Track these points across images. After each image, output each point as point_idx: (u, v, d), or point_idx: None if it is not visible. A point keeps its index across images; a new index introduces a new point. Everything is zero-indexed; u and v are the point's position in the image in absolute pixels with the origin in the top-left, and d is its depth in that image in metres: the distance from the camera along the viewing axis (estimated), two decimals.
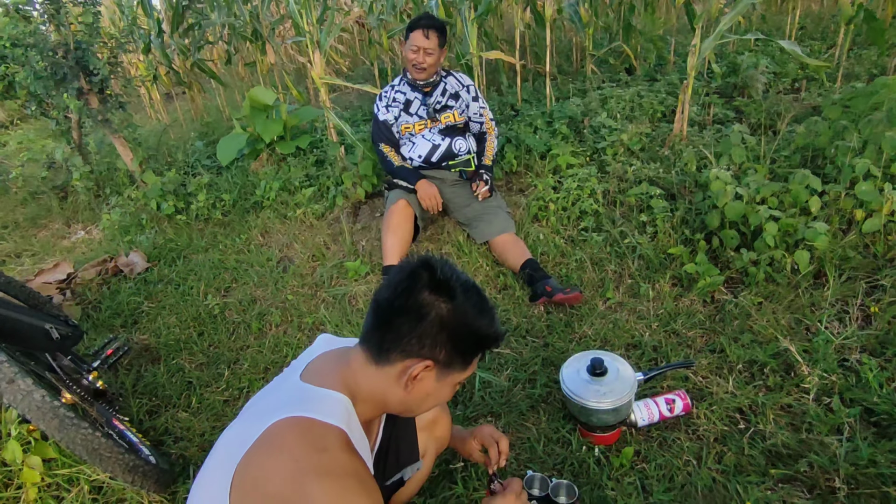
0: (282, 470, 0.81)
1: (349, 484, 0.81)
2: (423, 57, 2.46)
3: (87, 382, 1.61)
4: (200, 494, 0.93)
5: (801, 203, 2.12)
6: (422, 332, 0.90)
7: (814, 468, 1.43)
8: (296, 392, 0.94)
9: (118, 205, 3.60)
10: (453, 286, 0.91)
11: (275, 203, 3.30)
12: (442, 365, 0.93)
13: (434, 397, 0.98)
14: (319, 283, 2.56)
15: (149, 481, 1.47)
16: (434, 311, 0.90)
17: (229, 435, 0.94)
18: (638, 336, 1.94)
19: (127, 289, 2.83)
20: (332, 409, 0.90)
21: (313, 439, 0.85)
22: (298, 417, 0.87)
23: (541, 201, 2.69)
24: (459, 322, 0.91)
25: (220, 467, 0.89)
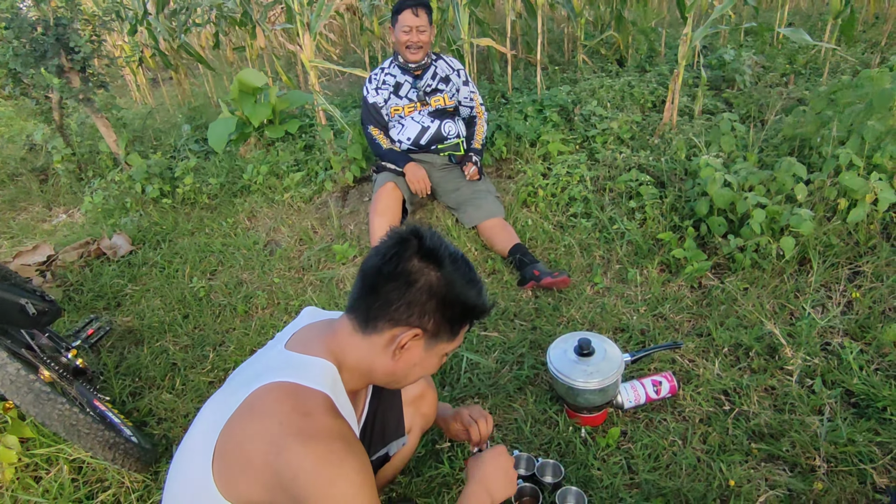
0: (265, 433, 0.80)
1: (334, 446, 0.80)
2: (417, 35, 2.43)
3: (66, 360, 1.58)
4: (184, 462, 0.91)
5: (786, 191, 2.14)
6: (410, 300, 0.89)
7: (795, 447, 1.45)
8: (280, 360, 0.93)
9: (101, 187, 3.53)
10: (442, 255, 0.91)
11: (262, 187, 3.26)
12: (430, 334, 0.92)
13: (421, 367, 0.97)
14: (306, 267, 2.53)
15: (130, 459, 1.45)
16: (423, 278, 0.89)
17: (212, 404, 0.93)
18: (625, 320, 1.95)
19: (110, 271, 2.78)
20: (316, 375, 0.89)
21: (297, 403, 0.83)
22: (282, 382, 0.86)
23: (530, 187, 2.69)
24: (448, 291, 0.90)
25: (203, 435, 0.87)
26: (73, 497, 1.51)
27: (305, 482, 0.77)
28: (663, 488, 1.38)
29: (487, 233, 2.38)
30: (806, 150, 2.50)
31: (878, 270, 1.95)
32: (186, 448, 0.92)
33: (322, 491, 0.77)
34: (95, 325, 1.93)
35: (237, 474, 0.82)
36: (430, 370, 1.00)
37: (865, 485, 1.35)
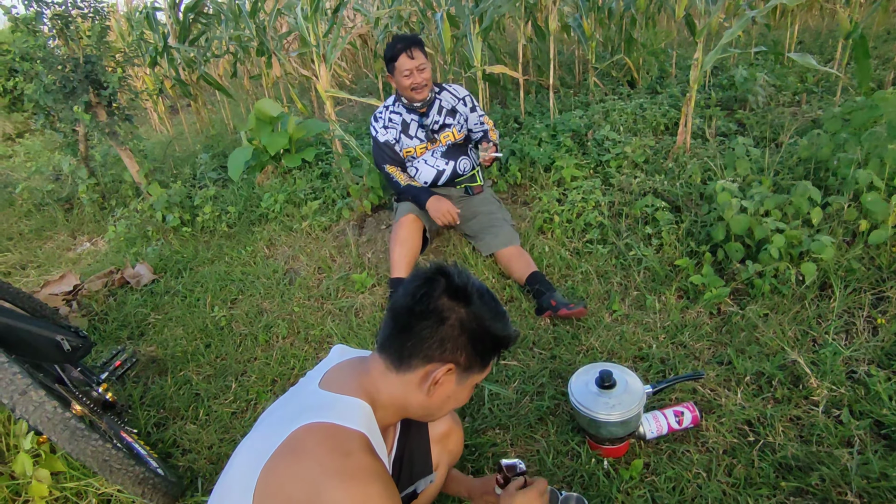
0: (306, 474, 0.82)
1: (373, 487, 0.82)
2: (419, 76, 2.42)
3: (97, 394, 1.62)
4: (222, 499, 0.93)
5: (802, 214, 2.14)
6: (443, 336, 0.93)
7: (825, 481, 1.42)
8: (316, 399, 0.95)
9: (124, 216, 3.63)
10: (470, 291, 0.95)
11: (280, 215, 3.32)
12: (462, 368, 0.96)
13: (454, 399, 1.01)
14: (325, 296, 2.57)
15: (157, 494, 1.47)
16: (454, 315, 0.93)
17: (249, 443, 0.95)
18: (645, 348, 1.94)
19: (133, 300, 2.84)
20: (353, 414, 0.92)
21: (337, 444, 0.86)
22: (321, 423, 0.89)
23: (546, 213, 2.71)
24: (478, 325, 0.94)
25: (242, 475, 0.89)
26: None
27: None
28: None
29: (505, 261, 2.40)
30: (822, 172, 2.49)
31: None
32: (225, 486, 0.94)
33: None
34: (122, 357, 1.97)
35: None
36: (462, 401, 1.03)
37: None
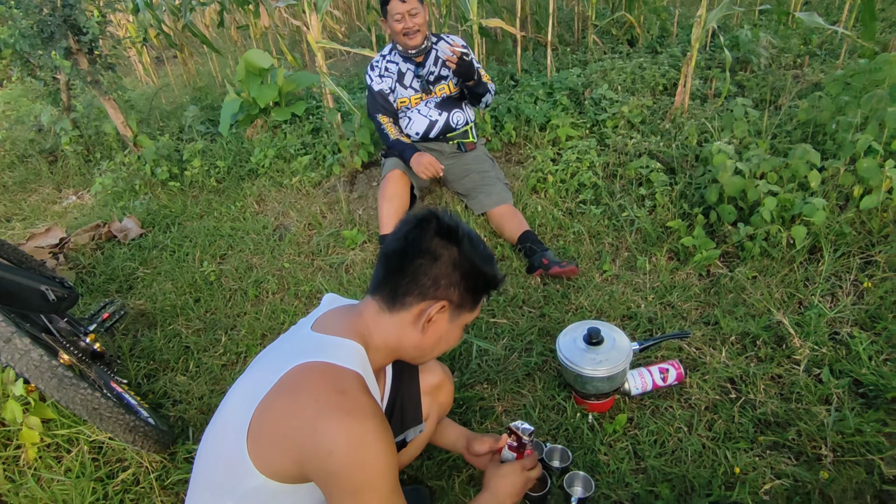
0: (303, 410, 0.84)
1: (369, 425, 0.83)
2: (410, 20, 2.35)
3: (85, 344, 1.61)
4: (216, 439, 0.95)
5: (799, 178, 2.12)
6: (437, 274, 0.95)
7: (801, 436, 1.46)
8: (310, 341, 0.96)
9: (110, 169, 3.55)
10: (460, 233, 0.97)
11: (270, 171, 3.26)
12: (455, 305, 0.99)
13: (446, 340, 1.03)
14: (316, 252, 2.55)
15: (148, 441, 1.49)
16: (447, 253, 0.95)
17: (242, 385, 0.96)
18: (633, 308, 1.96)
19: (121, 254, 2.81)
20: (347, 354, 0.93)
21: (332, 381, 0.87)
22: (316, 362, 0.90)
23: (539, 173, 2.68)
24: (469, 265, 0.97)
25: (236, 414, 0.90)
26: (93, 476, 1.56)
27: (339, 459, 0.81)
28: (669, 474, 1.41)
29: (497, 220, 2.38)
30: (820, 136, 2.47)
31: (891, 260, 1.94)
32: (218, 425, 0.96)
33: (353, 470, 0.82)
34: (111, 309, 1.96)
35: (273, 449, 0.86)
36: (454, 342, 1.06)
37: (872, 475, 1.36)
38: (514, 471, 1.17)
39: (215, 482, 0.94)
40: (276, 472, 0.87)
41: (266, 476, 0.87)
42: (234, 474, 0.90)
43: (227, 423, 0.93)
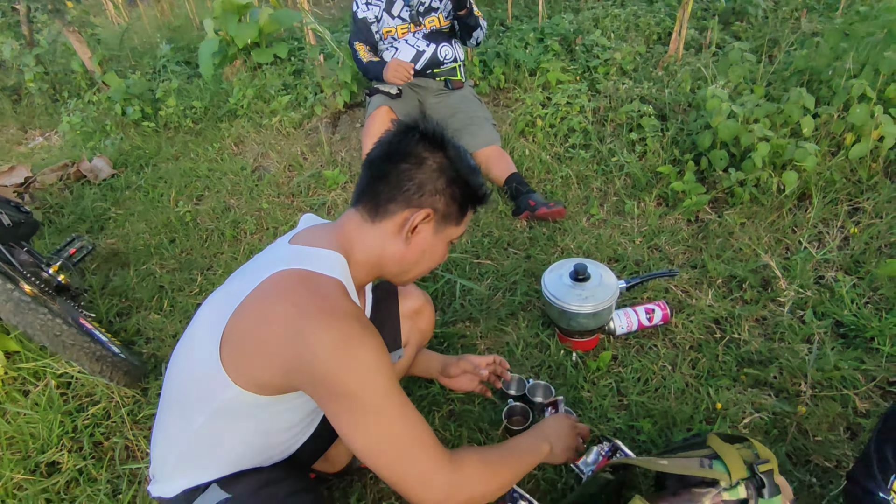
0: (282, 314, 0.78)
1: (354, 326, 0.78)
2: None
3: (48, 275, 1.53)
4: (188, 350, 0.90)
5: (792, 123, 2.08)
6: (422, 179, 0.89)
7: (783, 373, 1.46)
8: (289, 252, 0.90)
9: (78, 108, 3.37)
10: (445, 141, 0.92)
11: (249, 112, 3.12)
12: (440, 215, 0.93)
13: (430, 255, 0.97)
14: (296, 193, 2.46)
15: (118, 373, 1.44)
16: (432, 158, 0.90)
17: (216, 297, 0.90)
18: (621, 251, 1.92)
19: (91, 194, 2.69)
20: (328, 263, 0.87)
21: (313, 287, 0.82)
22: (294, 269, 0.84)
23: (528, 117, 2.59)
24: (455, 171, 0.92)
25: (208, 325, 0.85)
26: (62, 409, 1.51)
27: (325, 360, 0.76)
28: (651, 410, 1.40)
29: (483, 160, 2.31)
30: (815, 84, 2.41)
31: (878, 207, 1.92)
32: (190, 337, 0.90)
33: (342, 369, 0.76)
34: (77, 245, 1.86)
35: (250, 358, 0.81)
36: (438, 259, 1.00)
37: (847, 409, 1.37)
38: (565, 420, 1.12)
39: (186, 399, 0.89)
40: (253, 383, 0.82)
41: (241, 387, 0.82)
42: (206, 388, 0.85)
43: (199, 336, 0.87)
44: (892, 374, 1.43)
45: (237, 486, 0.91)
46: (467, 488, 0.83)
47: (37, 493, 1.33)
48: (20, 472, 1.37)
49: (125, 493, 1.32)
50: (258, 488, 0.91)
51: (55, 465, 1.42)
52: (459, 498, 0.83)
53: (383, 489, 1.29)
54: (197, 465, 0.92)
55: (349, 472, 1.32)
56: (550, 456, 1.03)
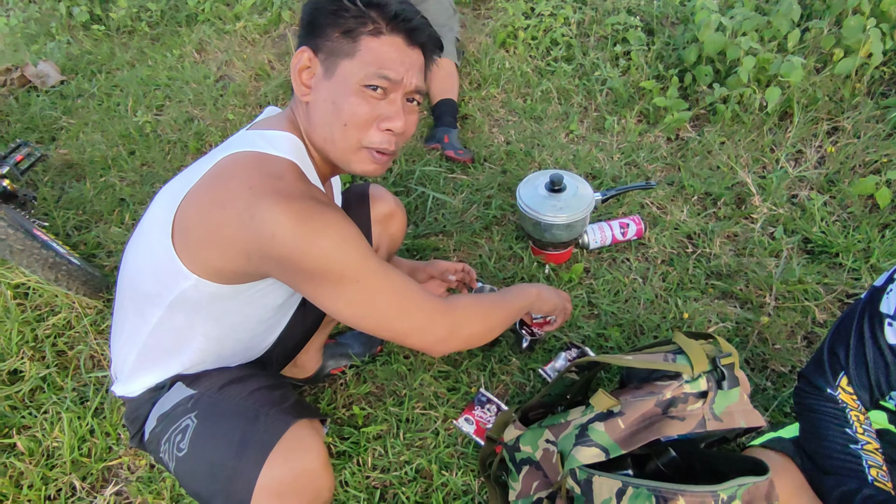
0: (236, 198, 0.72)
1: (310, 205, 0.73)
2: None
3: None
4: (137, 249, 0.85)
5: (780, 37, 2.00)
6: (302, 21, 0.83)
7: (749, 286, 1.49)
8: (243, 138, 0.84)
9: (18, 7, 3.06)
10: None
11: (210, 16, 2.88)
12: (324, 53, 0.80)
13: (339, 104, 0.80)
14: (263, 103, 2.32)
15: (75, 281, 1.38)
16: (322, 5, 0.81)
17: (169, 185, 0.85)
18: (598, 166, 1.89)
19: (39, 102, 2.50)
20: (282, 145, 0.81)
21: (266, 169, 0.76)
22: (246, 151, 0.78)
23: (510, 27, 2.45)
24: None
25: (161, 212, 0.80)
26: (20, 318, 1.46)
27: (284, 240, 0.71)
28: (620, 319, 1.43)
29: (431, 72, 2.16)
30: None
31: (857, 127, 1.91)
32: (144, 226, 0.85)
33: (306, 247, 0.71)
34: (24, 151, 1.73)
35: (205, 244, 0.76)
36: (354, 108, 0.79)
37: (807, 319, 1.42)
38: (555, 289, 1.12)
39: (141, 293, 0.85)
40: (211, 271, 0.78)
41: (199, 276, 0.78)
42: (161, 280, 0.80)
43: (150, 226, 0.82)
44: (851, 287, 1.47)
45: (202, 383, 0.90)
46: (466, 326, 0.86)
47: (0, 400, 1.31)
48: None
49: (92, 400, 1.31)
50: (224, 384, 0.89)
51: (17, 373, 1.39)
52: (461, 334, 0.86)
53: (353, 394, 1.31)
54: (159, 362, 0.90)
55: (319, 379, 1.33)
56: (538, 301, 1.05)
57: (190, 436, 0.83)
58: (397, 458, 1.18)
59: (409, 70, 0.82)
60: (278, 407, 0.84)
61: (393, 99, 0.82)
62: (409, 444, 1.20)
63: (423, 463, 1.16)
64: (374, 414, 1.26)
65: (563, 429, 0.92)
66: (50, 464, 1.22)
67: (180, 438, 0.84)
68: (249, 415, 0.83)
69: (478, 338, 0.90)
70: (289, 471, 0.77)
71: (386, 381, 1.32)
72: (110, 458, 1.22)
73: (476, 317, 0.88)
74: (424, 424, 1.24)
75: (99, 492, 1.18)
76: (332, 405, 1.29)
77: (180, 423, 0.85)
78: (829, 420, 0.87)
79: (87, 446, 1.24)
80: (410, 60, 0.82)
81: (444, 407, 1.26)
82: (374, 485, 1.15)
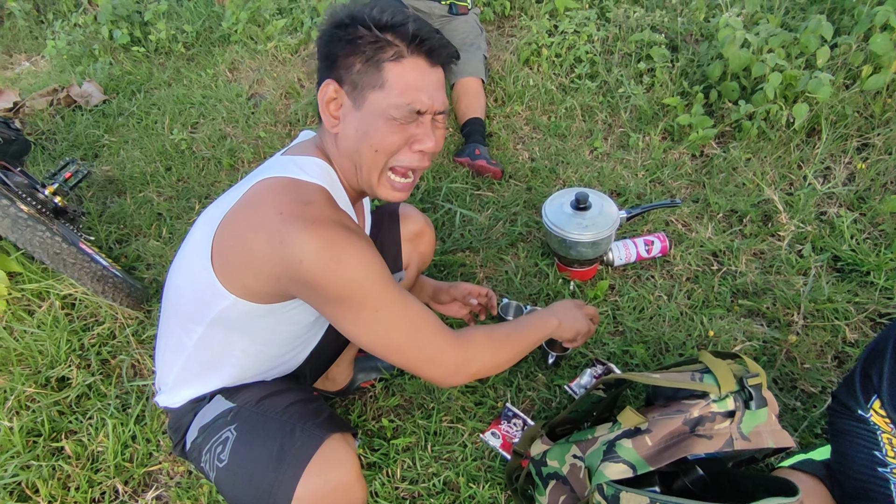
0: (266, 223, 0.77)
1: (337, 230, 0.77)
2: None
3: (44, 196, 1.51)
4: (181, 268, 0.91)
5: (808, 53, 2.00)
6: (327, 52, 0.84)
7: (776, 304, 1.49)
8: (277, 162, 0.89)
9: (64, 31, 3.23)
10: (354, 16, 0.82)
11: (243, 36, 2.99)
12: (350, 84, 0.82)
13: (367, 133, 0.82)
14: (293, 121, 2.40)
15: (120, 294, 1.45)
16: (328, 18, 0.84)
17: (210, 208, 0.90)
18: (623, 183, 1.90)
19: (84, 121, 2.63)
20: (312, 170, 0.86)
21: (296, 194, 0.80)
22: (277, 177, 0.83)
23: (533, 45, 2.49)
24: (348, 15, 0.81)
25: (201, 236, 0.85)
26: (68, 328, 1.54)
27: (312, 266, 0.75)
28: (645, 336, 1.44)
29: (458, 91, 2.21)
30: (836, 14, 2.30)
31: (888, 143, 1.89)
32: (186, 248, 0.91)
33: (330, 273, 0.75)
34: (72, 169, 1.83)
35: (239, 267, 0.81)
36: (383, 137, 0.82)
37: (837, 338, 1.41)
38: (572, 302, 1.13)
39: (184, 310, 0.90)
40: (247, 291, 0.82)
41: (237, 296, 0.83)
42: (202, 299, 0.86)
43: (192, 247, 0.87)
44: (883, 307, 1.46)
45: (240, 396, 0.94)
46: (476, 362, 0.88)
47: (49, 406, 1.38)
48: (31, 386, 1.41)
49: (134, 408, 1.37)
50: (261, 398, 0.94)
51: (65, 380, 1.46)
52: (469, 370, 0.88)
53: (382, 406, 1.34)
54: (200, 376, 0.95)
55: (350, 391, 1.37)
56: (559, 330, 1.06)
57: (230, 447, 0.87)
58: (425, 470, 1.21)
59: (434, 93, 0.84)
60: (313, 421, 0.88)
61: (422, 121, 0.85)
62: (437, 457, 1.23)
63: (451, 475, 1.19)
64: (402, 426, 1.29)
65: (590, 444, 0.94)
66: (95, 467, 1.27)
67: (221, 450, 0.88)
68: (286, 428, 0.87)
69: (487, 372, 0.92)
70: (324, 483, 0.81)
71: (414, 394, 1.35)
72: (151, 464, 1.28)
73: (487, 353, 0.91)
74: (452, 437, 1.26)
75: (140, 496, 1.23)
76: (363, 417, 1.33)
77: (221, 435, 0.89)
78: (858, 442, 0.87)
79: (130, 452, 1.30)
80: (434, 81, 0.85)
81: (471, 421, 1.28)
82: (403, 496, 1.18)
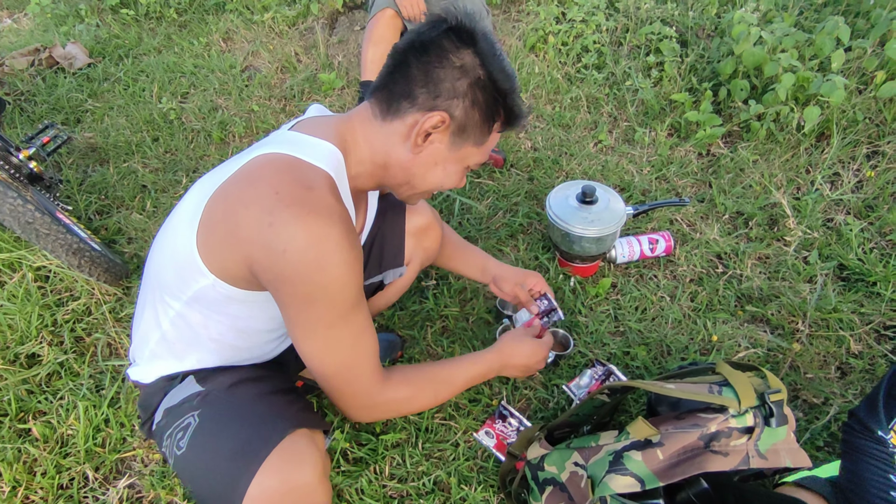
0: (259, 200, 0.70)
1: (333, 229, 0.70)
2: None
3: (18, 161, 1.41)
4: (165, 239, 0.84)
5: (822, 56, 1.95)
6: (441, 77, 0.77)
7: (781, 311, 1.45)
8: (283, 138, 0.81)
9: None
10: (478, 35, 0.78)
11: (239, 5, 2.87)
12: (457, 125, 0.80)
13: (443, 172, 0.85)
14: (289, 96, 2.31)
15: (98, 269, 1.37)
16: (457, 54, 0.77)
17: (203, 179, 0.82)
18: (627, 178, 1.85)
19: (66, 83, 2.50)
20: (320, 154, 0.78)
21: (298, 175, 0.73)
22: (282, 153, 0.75)
23: (540, 32, 2.42)
24: (483, 72, 0.78)
25: (191, 205, 0.78)
26: (40, 302, 1.45)
27: (293, 258, 0.69)
28: (647, 338, 1.39)
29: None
30: (852, 16, 2.26)
31: None
32: (175, 216, 0.83)
33: (309, 273, 0.70)
34: (51, 133, 1.73)
35: (222, 242, 0.74)
36: (452, 180, 0.87)
37: (841, 349, 1.37)
38: (531, 342, 1.07)
39: (164, 283, 0.83)
40: (227, 272, 0.76)
41: (216, 276, 0.76)
42: (182, 274, 0.79)
43: (181, 216, 0.80)
44: (889, 319, 1.42)
45: (212, 381, 0.88)
46: (384, 407, 0.89)
47: (17, 383, 1.30)
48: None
49: (108, 389, 1.30)
50: (233, 384, 0.87)
51: (35, 357, 1.38)
52: (375, 414, 0.90)
53: None
54: (174, 353, 0.89)
55: None
56: (504, 370, 1.06)
57: (190, 435, 0.81)
58: (415, 469, 1.15)
59: None
60: (279, 413, 0.82)
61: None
62: (428, 455, 1.18)
63: (442, 475, 1.13)
64: (392, 421, 1.23)
65: (593, 453, 0.89)
66: (64, 451, 1.20)
67: (181, 436, 0.82)
68: (251, 419, 0.81)
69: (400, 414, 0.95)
70: (280, 483, 0.74)
71: None
72: (124, 450, 1.20)
73: (400, 399, 0.90)
74: (444, 435, 1.21)
75: (112, 483, 1.16)
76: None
77: (183, 421, 0.83)
78: (873, 464, 0.83)
79: (102, 436, 1.22)
80: None
81: (464, 418, 1.23)
82: (391, 494, 1.13)
